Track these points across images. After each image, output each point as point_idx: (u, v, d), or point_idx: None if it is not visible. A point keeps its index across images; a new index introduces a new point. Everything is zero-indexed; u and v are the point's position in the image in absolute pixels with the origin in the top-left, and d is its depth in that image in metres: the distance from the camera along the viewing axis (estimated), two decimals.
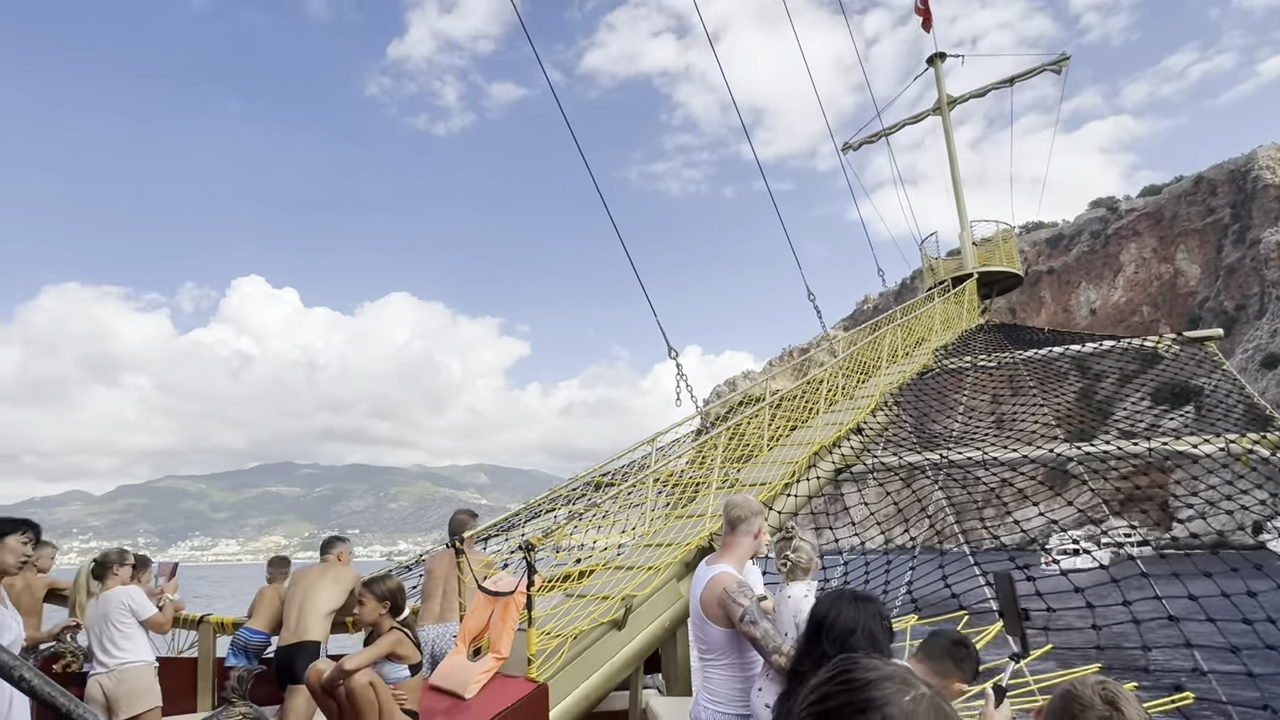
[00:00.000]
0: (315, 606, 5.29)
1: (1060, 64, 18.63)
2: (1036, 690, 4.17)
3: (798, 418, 8.97)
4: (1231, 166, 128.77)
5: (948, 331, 14.58)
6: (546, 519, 7.13)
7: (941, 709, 0.91)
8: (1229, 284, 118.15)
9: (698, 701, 3.47)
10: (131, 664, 4.79)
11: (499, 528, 6.62)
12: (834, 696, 0.93)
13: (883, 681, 0.92)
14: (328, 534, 6.42)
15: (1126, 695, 1.61)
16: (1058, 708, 1.66)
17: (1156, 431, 9.34)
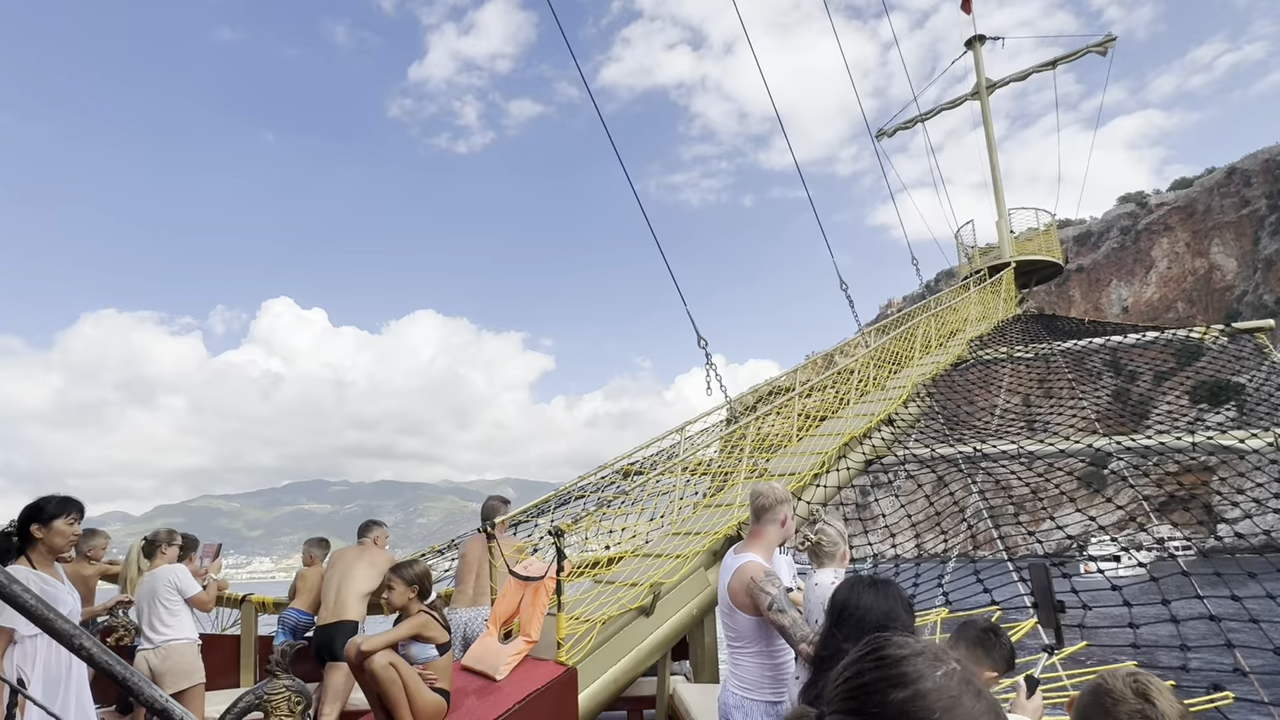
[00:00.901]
0: (353, 587, 5.45)
1: (1106, 44, 18.02)
2: (1069, 685, 4.11)
3: (828, 408, 8.91)
4: (1266, 156, 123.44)
5: (983, 322, 14.29)
6: (576, 506, 7.22)
7: (972, 683, 0.92)
8: (1268, 276, 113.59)
9: (726, 688, 3.50)
10: (177, 640, 4.97)
11: (530, 514, 6.72)
12: (868, 672, 0.94)
13: (915, 658, 0.93)
14: None
15: (1160, 687, 1.58)
16: (1089, 700, 1.64)
17: (1199, 425, 9.05)
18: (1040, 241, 17.74)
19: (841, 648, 2.32)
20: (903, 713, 0.88)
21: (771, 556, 3.62)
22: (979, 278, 16.56)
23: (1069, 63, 18.78)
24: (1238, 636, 4.79)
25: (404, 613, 4.02)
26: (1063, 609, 2.64)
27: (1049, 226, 17.98)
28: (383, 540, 6.02)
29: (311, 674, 5.25)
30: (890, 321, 13.18)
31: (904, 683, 0.90)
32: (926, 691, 0.89)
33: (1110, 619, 5.19)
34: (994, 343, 13.19)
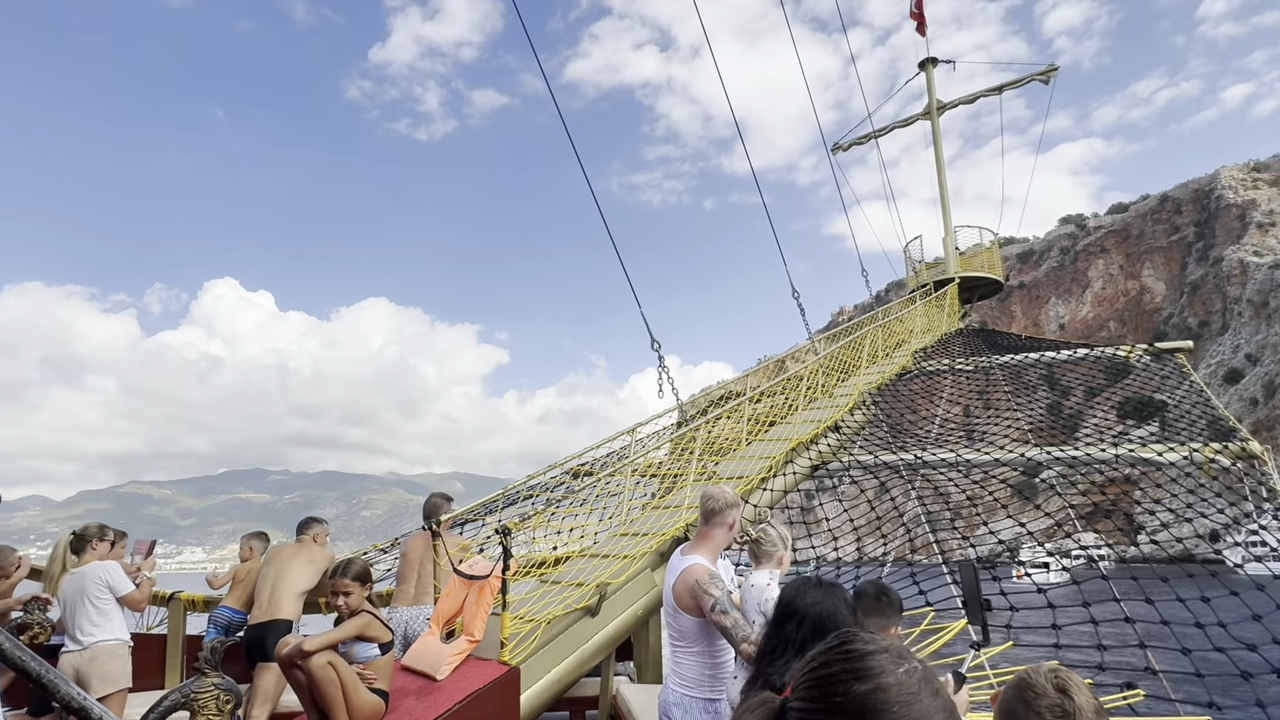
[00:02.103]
0: (288, 585, 5.28)
1: (1048, 74, 18.88)
2: (995, 681, 4.29)
3: (777, 414, 9.07)
4: (1195, 186, 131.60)
5: (927, 334, 14.77)
6: (524, 505, 7.17)
7: (931, 681, 0.98)
8: (1192, 300, 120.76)
9: (667, 685, 3.55)
10: (106, 641, 4.73)
11: (475, 513, 6.64)
12: (834, 664, 0.99)
13: (880, 654, 0.98)
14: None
15: (1078, 683, 1.67)
16: (1013, 694, 1.71)
17: (1125, 440, 9.56)
18: (983, 259, 18.43)
19: (787, 641, 2.38)
20: (864, 705, 0.93)
21: (716, 559, 3.68)
22: (925, 291, 17.12)
23: (1015, 89, 19.59)
24: (1150, 638, 5.08)
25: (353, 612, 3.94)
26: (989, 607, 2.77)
27: (991, 245, 18.71)
28: (322, 537, 5.86)
29: (242, 675, 5.08)
30: (840, 331, 13.51)
31: (867, 676, 0.95)
32: (888, 686, 0.94)
33: (1035, 620, 5.45)
34: (937, 355, 13.65)
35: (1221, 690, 4.38)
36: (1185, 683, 4.79)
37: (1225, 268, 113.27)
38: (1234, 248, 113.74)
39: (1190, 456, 7.50)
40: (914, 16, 20.07)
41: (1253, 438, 7.72)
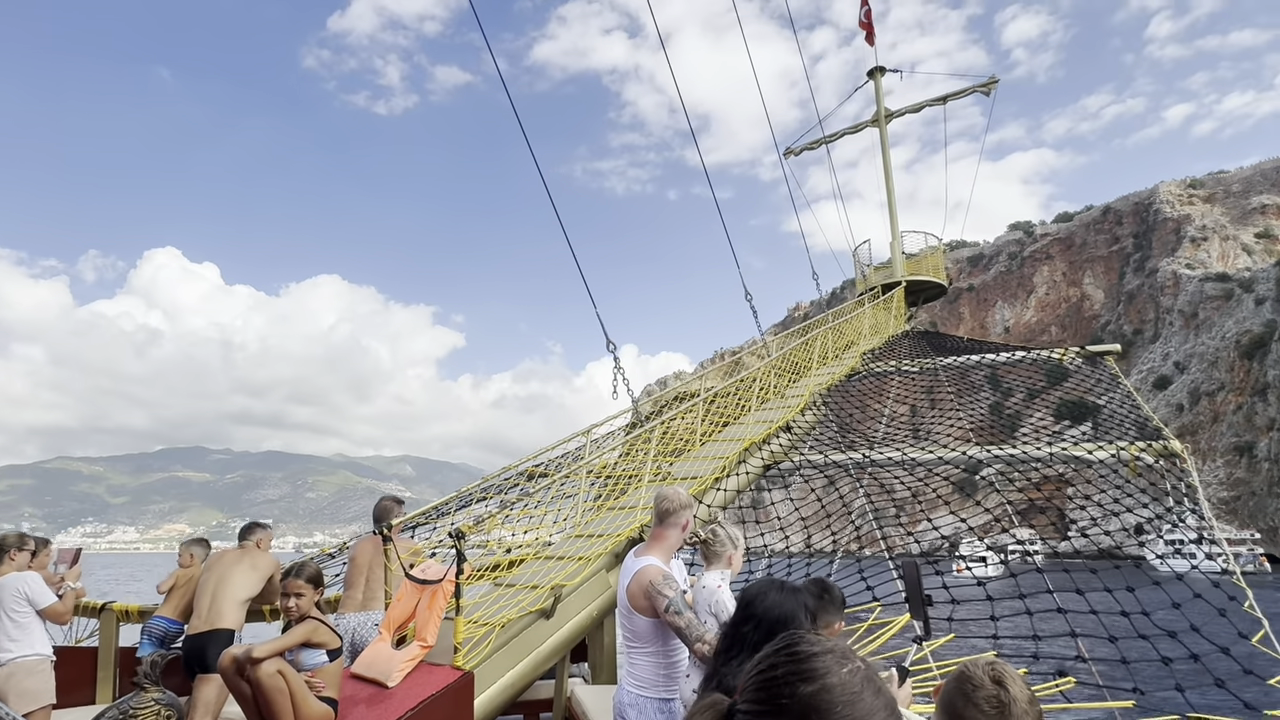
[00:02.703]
0: (230, 593, 5.11)
1: (989, 86, 19.61)
2: (938, 672, 4.46)
3: (730, 414, 9.19)
4: (1136, 199, 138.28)
5: (875, 336, 15.17)
6: (477, 508, 7.10)
7: (873, 680, 1.02)
8: (1129, 309, 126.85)
9: (622, 686, 3.57)
10: (25, 658, 4.50)
11: (428, 516, 6.55)
12: (780, 666, 1.03)
13: (825, 655, 1.02)
14: (238, 523, 6.19)
15: (1013, 675, 1.76)
16: (953, 687, 1.80)
17: (1058, 439, 10.07)
18: (929, 263, 19.05)
19: (743, 642, 2.43)
20: (809, 705, 0.97)
21: (670, 559, 3.72)
22: (873, 294, 17.59)
23: (958, 99, 20.30)
24: (1080, 628, 5.35)
25: (300, 618, 3.85)
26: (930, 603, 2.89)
27: (936, 250, 19.34)
28: (266, 543, 5.68)
29: (181, 688, 4.89)
30: (791, 333, 13.77)
31: (813, 677, 0.99)
32: (832, 686, 0.98)
33: (975, 613, 5.68)
34: (885, 356, 14.05)
35: (1145, 675, 4.65)
36: (1112, 669, 5.07)
37: (1160, 279, 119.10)
38: (1169, 260, 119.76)
39: (1117, 455, 7.92)
40: (863, 26, 20.59)
41: (1174, 438, 8.18)
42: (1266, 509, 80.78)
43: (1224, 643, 4.78)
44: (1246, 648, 4.93)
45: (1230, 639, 4.90)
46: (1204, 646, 4.90)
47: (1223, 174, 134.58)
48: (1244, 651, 4.83)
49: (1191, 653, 4.85)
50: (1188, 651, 4.89)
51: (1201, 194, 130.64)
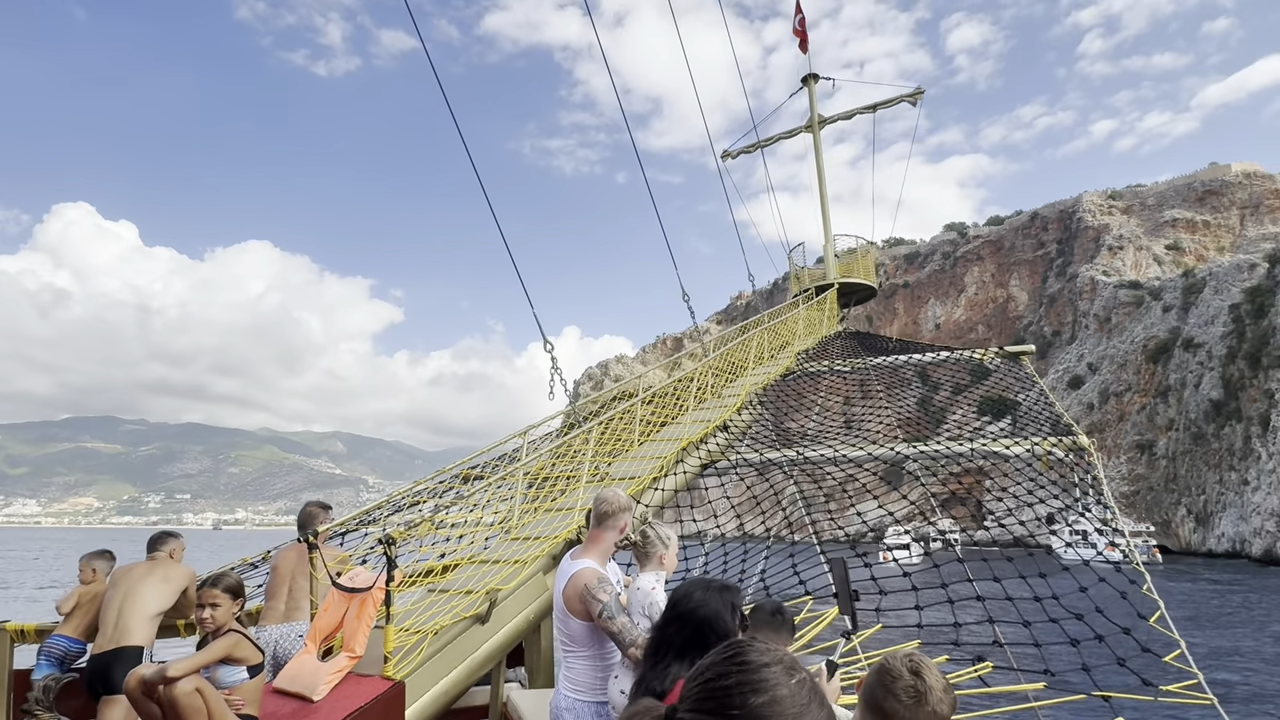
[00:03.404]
0: (139, 607, 4.81)
1: (916, 96, 20.42)
2: (866, 663, 4.61)
3: (668, 414, 9.26)
4: (1061, 207, 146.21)
5: (809, 336, 15.57)
6: (410, 512, 6.91)
7: (818, 691, 1.03)
8: (1049, 312, 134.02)
9: (559, 690, 3.54)
10: None
11: (359, 521, 6.34)
12: (731, 675, 1.02)
13: (775, 665, 1.02)
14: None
15: (929, 665, 1.87)
16: (874, 680, 1.90)
17: (979, 434, 10.63)
18: (860, 266, 19.68)
19: (669, 644, 2.44)
20: (759, 716, 0.96)
21: (607, 562, 3.71)
22: (807, 295, 18.05)
23: (887, 108, 21.03)
24: (997, 615, 5.64)
25: (216, 631, 3.65)
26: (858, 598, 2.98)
27: (867, 253, 20.01)
28: (179, 553, 5.37)
29: (83, 712, 4.58)
30: (729, 333, 13.98)
31: (763, 689, 0.99)
32: (782, 698, 0.98)
33: (901, 603, 5.91)
34: (819, 356, 14.43)
35: (1055, 657, 4.94)
36: (1026, 653, 5.36)
37: (1079, 284, 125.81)
38: (1088, 266, 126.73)
39: (1032, 449, 8.39)
40: (797, 34, 21.09)
41: (1083, 433, 8.73)
42: (1162, 503, 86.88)
43: (1125, 624, 5.13)
44: (1145, 628, 5.31)
45: (1131, 620, 5.26)
46: (1108, 628, 5.25)
47: (1140, 187, 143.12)
48: (1143, 632, 5.21)
49: (1097, 634, 5.18)
50: (1093, 633, 5.22)
51: (1120, 205, 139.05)
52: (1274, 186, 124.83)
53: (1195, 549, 77.50)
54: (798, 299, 17.96)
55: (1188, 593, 40.55)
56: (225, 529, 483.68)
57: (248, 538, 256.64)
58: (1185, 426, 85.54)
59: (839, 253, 19.53)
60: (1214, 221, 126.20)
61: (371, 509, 6.42)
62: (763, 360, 12.66)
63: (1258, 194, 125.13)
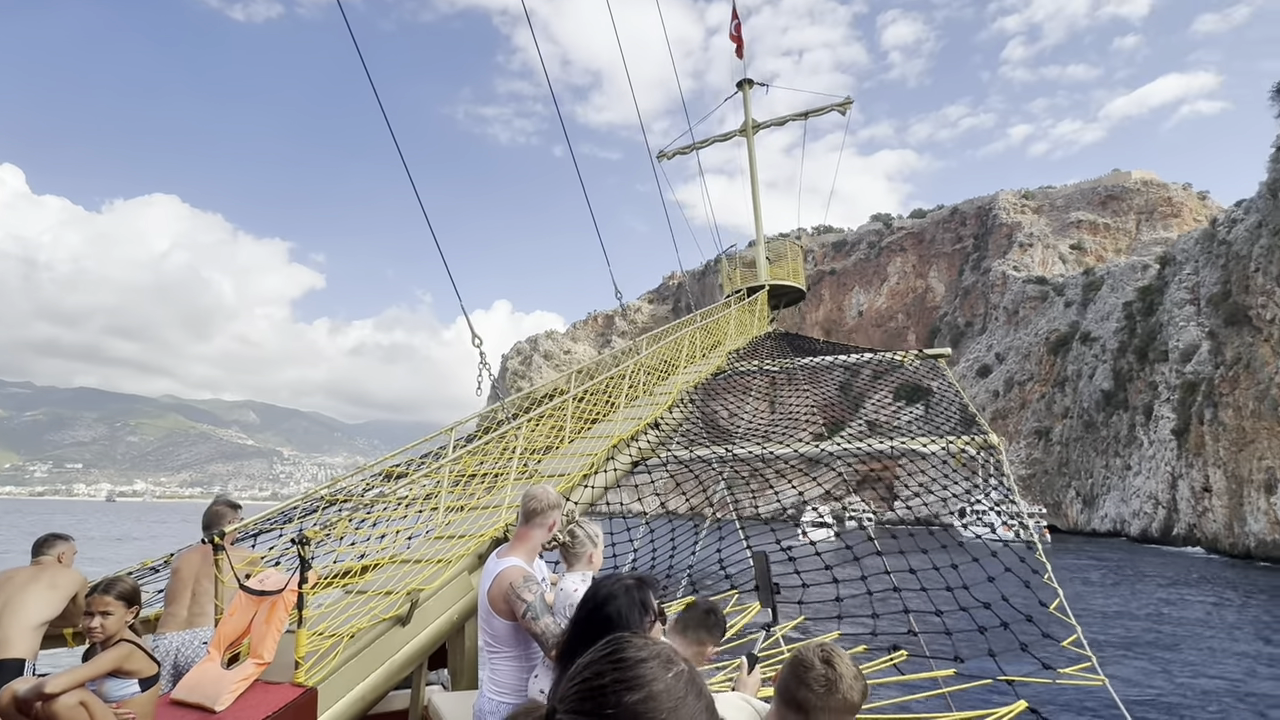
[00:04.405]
0: (22, 617, 4.42)
1: (845, 106, 21.14)
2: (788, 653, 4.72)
3: (599, 411, 9.23)
4: (979, 204, 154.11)
5: (741, 336, 15.85)
6: (328, 512, 6.62)
7: (695, 682, 1.02)
8: (964, 303, 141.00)
9: (483, 693, 3.46)
10: None
11: (271, 521, 6.02)
12: (606, 674, 1.00)
13: (651, 660, 1.01)
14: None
15: (841, 654, 1.94)
16: (788, 671, 1.96)
17: (897, 420, 11.15)
18: (790, 268, 20.19)
19: (578, 644, 2.40)
20: (635, 714, 0.95)
21: (534, 560, 3.65)
22: (739, 296, 18.37)
23: (818, 115, 21.66)
24: (912, 605, 5.89)
25: (106, 641, 3.38)
26: (778, 590, 3.04)
27: (796, 256, 20.54)
28: (69, 557, 4.97)
29: None
30: (662, 332, 14.08)
31: (639, 685, 0.97)
32: (658, 694, 0.97)
33: (822, 595, 6.10)
34: (749, 356, 14.71)
35: (964, 644, 5.19)
36: (938, 640, 5.61)
37: (991, 278, 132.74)
38: (1000, 261, 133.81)
39: (947, 448, 8.82)
40: (733, 39, 21.43)
41: (993, 431, 9.23)
42: (1054, 486, 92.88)
43: (1028, 611, 5.45)
44: (1045, 615, 5.65)
45: (1033, 608, 5.59)
46: (1013, 616, 5.57)
47: (1050, 189, 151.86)
48: (1043, 618, 5.54)
49: (1003, 622, 5.48)
50: (999, 621, 5.51)
51: (1032, 205, 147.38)
52: (1167, 195, 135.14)
53: (1081, 529, 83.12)
54: (729, 299, 18.25)
55: (1073, 567, 43.72)
56: (121, 501, 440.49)
57: (146, 510, 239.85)
58: (1079, 415, 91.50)
59: (769, 257, 19.97)
60: (1113, 225, 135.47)
61: (286, 507, 6.11)
62: (695, 359, 12.80)
63: (1153, 201, 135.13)
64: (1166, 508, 68.22)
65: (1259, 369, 53.28)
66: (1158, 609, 28.63)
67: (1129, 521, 75.15)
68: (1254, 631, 23.46)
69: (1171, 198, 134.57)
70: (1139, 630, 24.09)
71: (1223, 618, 26.26)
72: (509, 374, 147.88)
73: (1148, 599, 31.48)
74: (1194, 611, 28.01)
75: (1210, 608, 28.77)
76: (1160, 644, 22.07)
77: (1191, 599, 31.33)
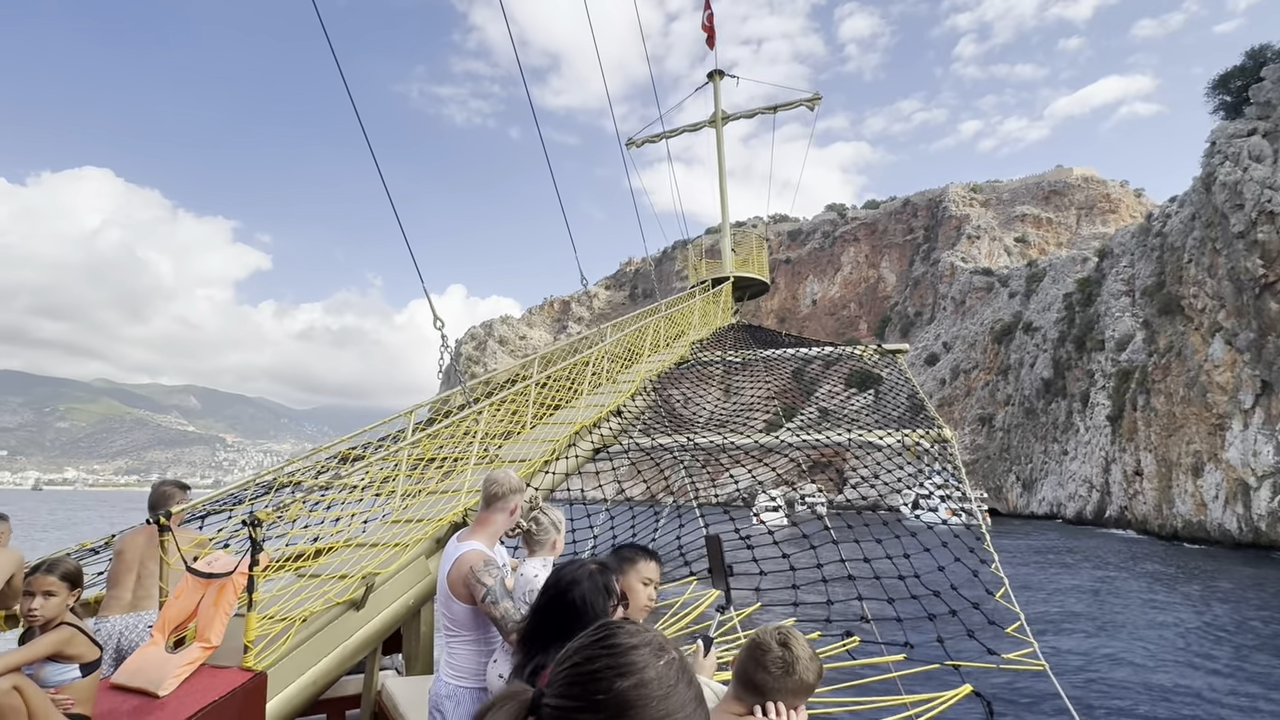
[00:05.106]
0: None
1: (814, 102, 21.30)
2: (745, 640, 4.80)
3: (562, 397, 9.19)
4: (930, 196, 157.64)
5: (705, 327, 15.94)
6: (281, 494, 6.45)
7: (686, 671, 1.02)
8: (914, 293, 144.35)
9: (439, 677, 3.43)
10: None
11: (221, 502, 5.84)
12: (597, 659, 0.99)
13: (643, 648, 1.00)
14: None
15: (797, 636, 1.99)
16: (746, 654, 2.00)
17: (847, 407, 11.49)
18: (755, 261, 20.35)
19: (540, 630, 2.39)
20: (626, 701, 0.94)
21: (495, 544, 3.62)
22: (704, 287, 18.45)
23: (788, 110, 21.80)
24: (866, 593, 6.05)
25: (46, 624, 3.23)
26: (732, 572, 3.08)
27: (760, 249, 20.70)
28: (5, 537, 4.75)
29: None
30: (626, 319, 14.07)
31: (630, 672, 0.96)
32: (649, 680, 0.96)
33: (779, 583, 6.22)
34: (712, 346, 14.81)
35: (915, 631, 5.35)
36: (889, 627, 5.78)
37: (940, 268, 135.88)
38: (949, 252, 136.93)
39: (902, 440, 9.05)
40: (705, 29, 21.39)
41: (946, 425, 9.49)
42: (996, 471, 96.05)
43: (975, 599, 5.65)
44: (992, 603, 5.86)
45: (981, 596, 5.79)
46: (960, 603, 5.76)
47: (997, 183, 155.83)
48: (989, 606, 5.75)
49: (951, 609, 5.66)
50: (948, 608, 5.70)
51: (980, 198, 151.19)
52: (1106, 191, 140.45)
53: (1020, 512, 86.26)
54: (694, 290, 18.31)
55: (1011, 549, 45.64)
56: (49, 489, 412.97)
57: (77, 499, 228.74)
58: (1020, 402, 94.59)
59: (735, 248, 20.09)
60: (1055, 219, 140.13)
61: (236, 489, 5.93)
62: (659, 348, 12.83)
63: (1093, 197, 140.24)
64: (1100, 491, 71.03)
65: (1189, 356, 55.79)
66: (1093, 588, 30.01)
67: (1065, 504, 78.04)
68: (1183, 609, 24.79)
69: (1110, 194, 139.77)
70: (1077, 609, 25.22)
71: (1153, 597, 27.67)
72: (463, 359, 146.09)
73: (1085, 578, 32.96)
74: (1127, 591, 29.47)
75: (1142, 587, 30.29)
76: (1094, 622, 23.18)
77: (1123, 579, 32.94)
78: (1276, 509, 44.53)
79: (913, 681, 5.06)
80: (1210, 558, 41.92)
